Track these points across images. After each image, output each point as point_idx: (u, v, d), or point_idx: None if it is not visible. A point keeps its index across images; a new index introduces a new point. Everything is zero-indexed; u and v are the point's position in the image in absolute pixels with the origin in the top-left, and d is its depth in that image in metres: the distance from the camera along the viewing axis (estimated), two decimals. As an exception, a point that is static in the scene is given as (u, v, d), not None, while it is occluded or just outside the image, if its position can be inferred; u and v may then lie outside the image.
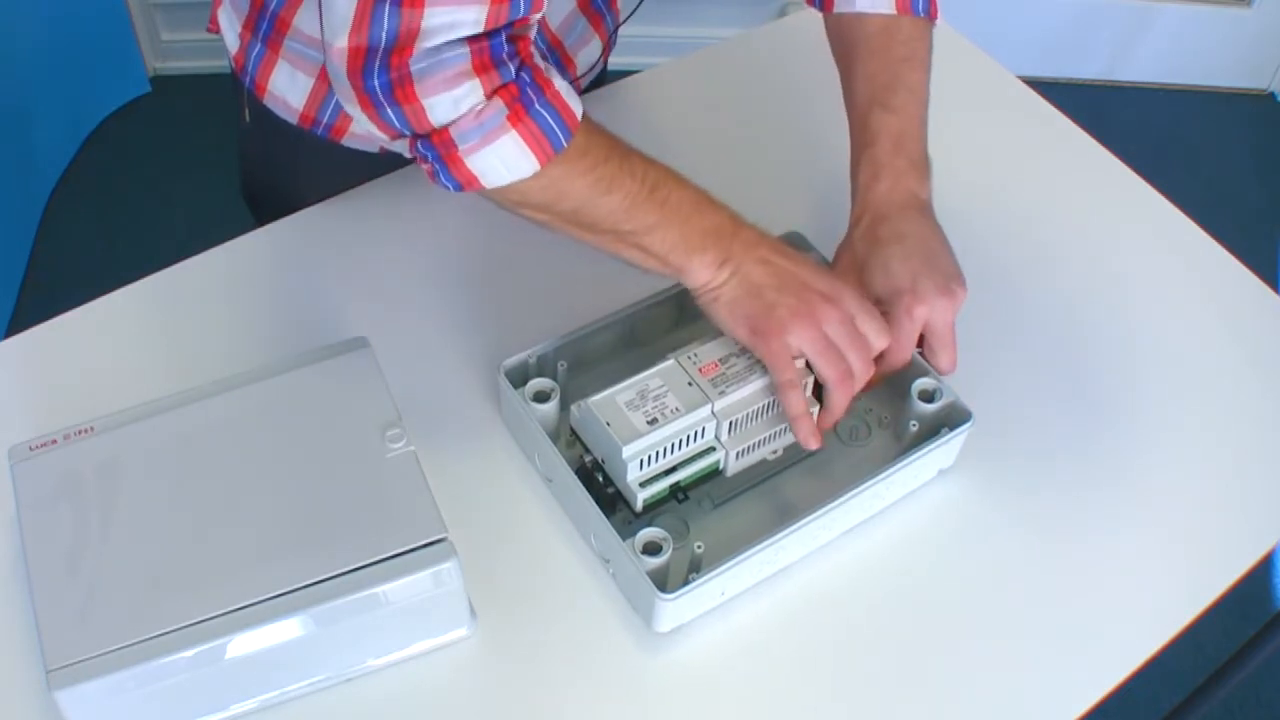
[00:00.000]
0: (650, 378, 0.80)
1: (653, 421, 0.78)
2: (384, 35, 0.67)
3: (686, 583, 0.75)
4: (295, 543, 0.72)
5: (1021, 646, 0.80)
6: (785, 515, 0.78)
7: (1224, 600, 0.83)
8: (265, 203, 1.11)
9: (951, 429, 0.84)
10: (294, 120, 0.97)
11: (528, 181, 0.73)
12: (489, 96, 0.70)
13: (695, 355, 0.81)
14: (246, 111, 1.02)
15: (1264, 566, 1.60)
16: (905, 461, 0.81)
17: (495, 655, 0.78)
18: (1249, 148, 2.37)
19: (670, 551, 0.76)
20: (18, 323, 1.91)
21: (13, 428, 0.85)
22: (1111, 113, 2.37)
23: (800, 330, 0.77)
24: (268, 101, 0.97)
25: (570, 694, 0.77)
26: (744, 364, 0.81)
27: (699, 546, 0.76)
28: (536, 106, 0.71)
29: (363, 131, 0.75)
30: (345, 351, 0.81)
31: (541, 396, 0.84)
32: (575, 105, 0.74)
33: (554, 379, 0.85)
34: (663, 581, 0.77)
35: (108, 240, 2.07)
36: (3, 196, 1.97)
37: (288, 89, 0.95)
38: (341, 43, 0.68)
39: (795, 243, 0.94)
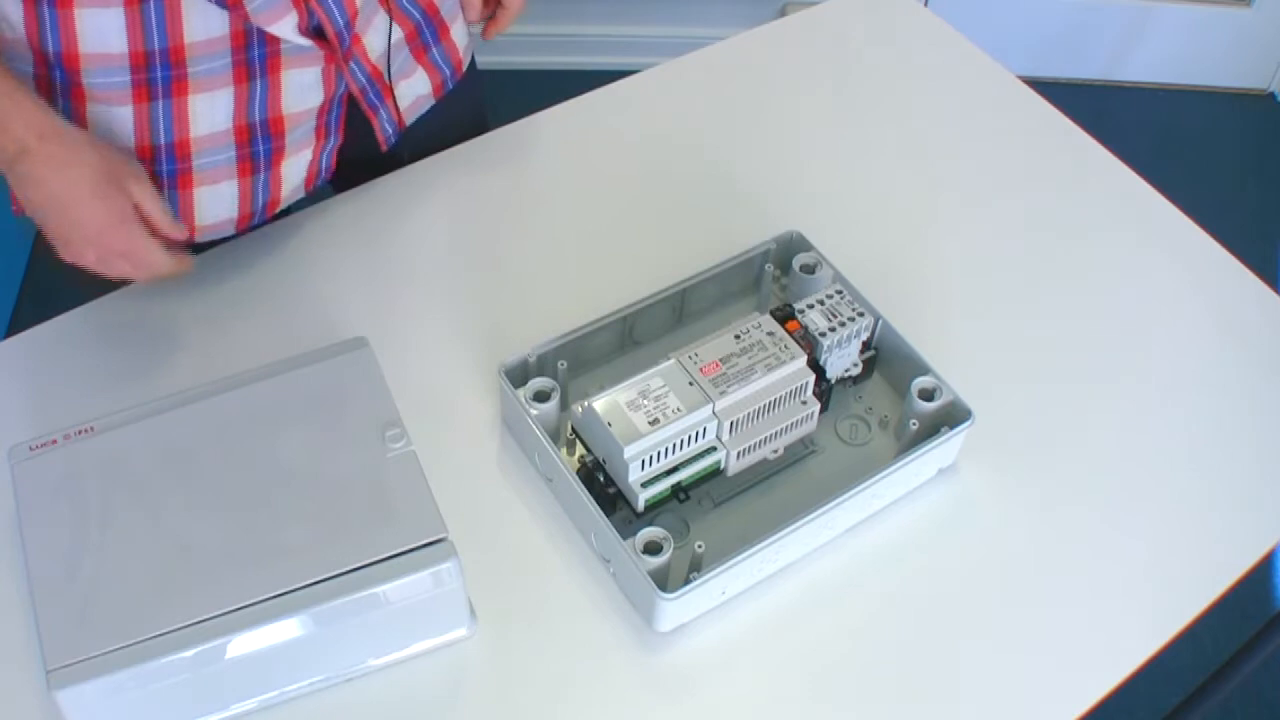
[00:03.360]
0: (651, 378, 0.80)
1: (654, 422, 0.78)
2: None
3: (687, 582, 0.75)
4: (295, 542, 0.71)
5: (1022, 646, 0.80)
6: (786, 514, 0.78)
7: (1224, 600, 0.83)
8: None
9: (951, 428, 0.84)
10: None
11: None
12: None
13: (696, 355, 0.81)
14: None
15: (1264, 566, 1.60)
16: (905, 460, 0.81)
17: (495, 655, 0.78)
18: (1249, 148, 2.37)
19: (671, 551, 0.76)
20: (18, 323, 1.91)
21: (13, 428, 0.85)
22: (1111, 113, 2.37)
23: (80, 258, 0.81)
24: None
25: (570, 694, 0.77)
26: (745, 363, 0.81)
27: (699, 546, 0.76)
28: None
29: None
30: (345, 351, 0.81)
31: (541, 396, 0.84)
32: None
33: (554, 379, 0.85)
34: (663, 581, 0.77)
35: (107, 240, 2.07)
36: (2, 197, 1.97)
37: None
38: None
39: (794, 242, 0.94)
